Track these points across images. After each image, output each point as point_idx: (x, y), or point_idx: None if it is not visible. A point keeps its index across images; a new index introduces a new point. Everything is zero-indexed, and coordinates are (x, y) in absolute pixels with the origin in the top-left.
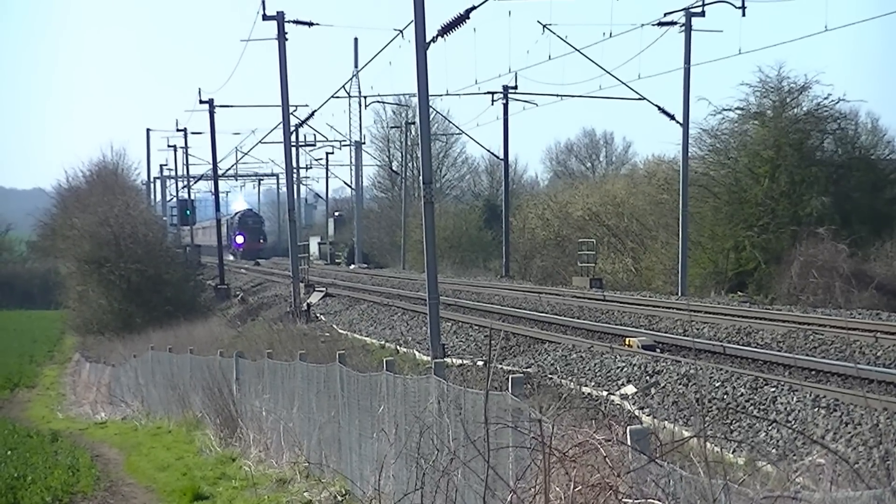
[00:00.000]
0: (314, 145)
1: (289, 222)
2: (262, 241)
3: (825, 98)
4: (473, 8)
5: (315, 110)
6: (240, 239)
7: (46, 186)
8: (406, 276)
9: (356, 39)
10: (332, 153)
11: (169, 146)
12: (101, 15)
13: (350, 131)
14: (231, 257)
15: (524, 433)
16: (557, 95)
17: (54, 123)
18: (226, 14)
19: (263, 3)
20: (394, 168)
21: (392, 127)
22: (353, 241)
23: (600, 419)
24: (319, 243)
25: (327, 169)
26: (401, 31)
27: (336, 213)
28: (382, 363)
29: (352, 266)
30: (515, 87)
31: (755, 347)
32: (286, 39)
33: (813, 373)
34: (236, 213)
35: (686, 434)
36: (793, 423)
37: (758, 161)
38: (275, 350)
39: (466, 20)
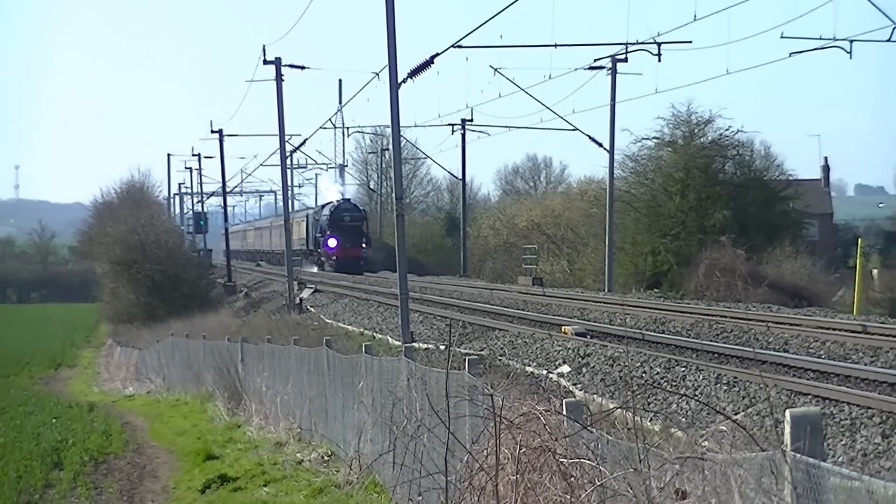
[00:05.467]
0: (305, 167)
1: (284, 231)
2: (364, 245)
3: (726, 129)
4: (437, 55)
5: (306, 139)
6: (332, 243)
7: (84, 201)
8: (381, 276)
9: (340, 80)
10: (320, 174)
11: (186, 168)
12: (130, 59)
13: (335, 156)
14: (315, 268)
15: (478, 405)
16: (506, 127)
17: (92, 148)
18: (234, 60)
19: (264, 50)
20: (371, 187)
21: (370, 152)
22: None
23: (541, 393)
24: None
25: (316, 187)
26: (377, 74)
27: None
28: (362, 347)
29: None
30: (471, 120)
31: (669, 334)
32: (283, 80)
33: (716, 355)
34: (325, 206)
35: (612, 406)
36: (699, 396)
37: (671, 181)
38: (273, 336)
39: (431, 65)
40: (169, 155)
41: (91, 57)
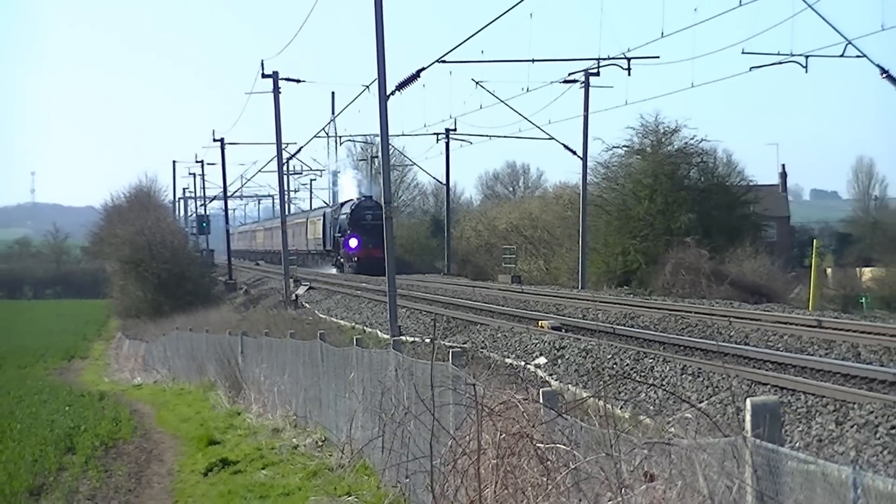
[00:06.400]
0: (301, 173)
1: (281, 234)
2: None
3: (691, 138)
4: (423, 69)
5: (301, 147)
6: (353, 243)
7: (96, 204)
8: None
9: (333, 93)
10: (315, 180)
11: (190, 174)
12: (139, 72)
13: (329, 162)
14: (333, 270)
15: (461, 394)
16: (487, 136)
17: (103, 155)
18: (235, 73)
19: (262, 65)
20: (361, 191)
21: (360, 159)
22: None
23: (519, 383)
24: None
25: (311, 192)
26: (367, 87)
27: None
28: (353, 340)
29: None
30: (455, 130)
31: (638, 329)
32: (279, 92)
33: (681, 348)
34: (344, 203)
35: (585, 394)
36: (666, 386)
37: (640, 187)
38: (271, 330)
39: (417, 78)
40: (174, 161)
41: (102, 70)
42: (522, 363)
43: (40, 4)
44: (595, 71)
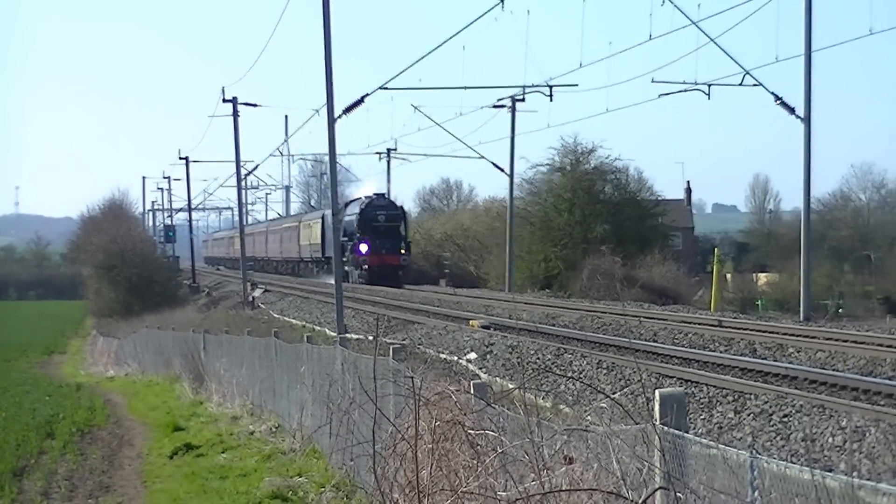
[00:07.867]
0: (257, 188)
1: (240, 242)
2: (403, 252)
3: (606, 158)
4: (367, 95)
5: (258, 164)
6: (363, 248)
7: (74, 215)
8: (320, 280)
9: (286, 116)
10: (270, 194)
11: (158, 188)
12: (112, 93)
13: (282, 178)
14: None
15: (401, 385)
16: (424, 155)
17: (80, 171)
18: (199, 97)
19: (223, 90)
20: (312, 205)
21: (311, 176)
22: None
23: (453, 376)
24: None
25: (266, 205)
26: (317, 111)
27: None
28: (304, 337)
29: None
30: (396, 149)
31: (558, 327)
32: (238, 115)
33: (597, 345)
34: (351, 202)
35: (511, 386)
36: (584, 378)
37: (560, 200)
38: (230, 328)
39: (362, 103)
40: (144, 177)
41: (80, 92)
42: (455, 358)
43: (22, 27)
44: (521, 97)
